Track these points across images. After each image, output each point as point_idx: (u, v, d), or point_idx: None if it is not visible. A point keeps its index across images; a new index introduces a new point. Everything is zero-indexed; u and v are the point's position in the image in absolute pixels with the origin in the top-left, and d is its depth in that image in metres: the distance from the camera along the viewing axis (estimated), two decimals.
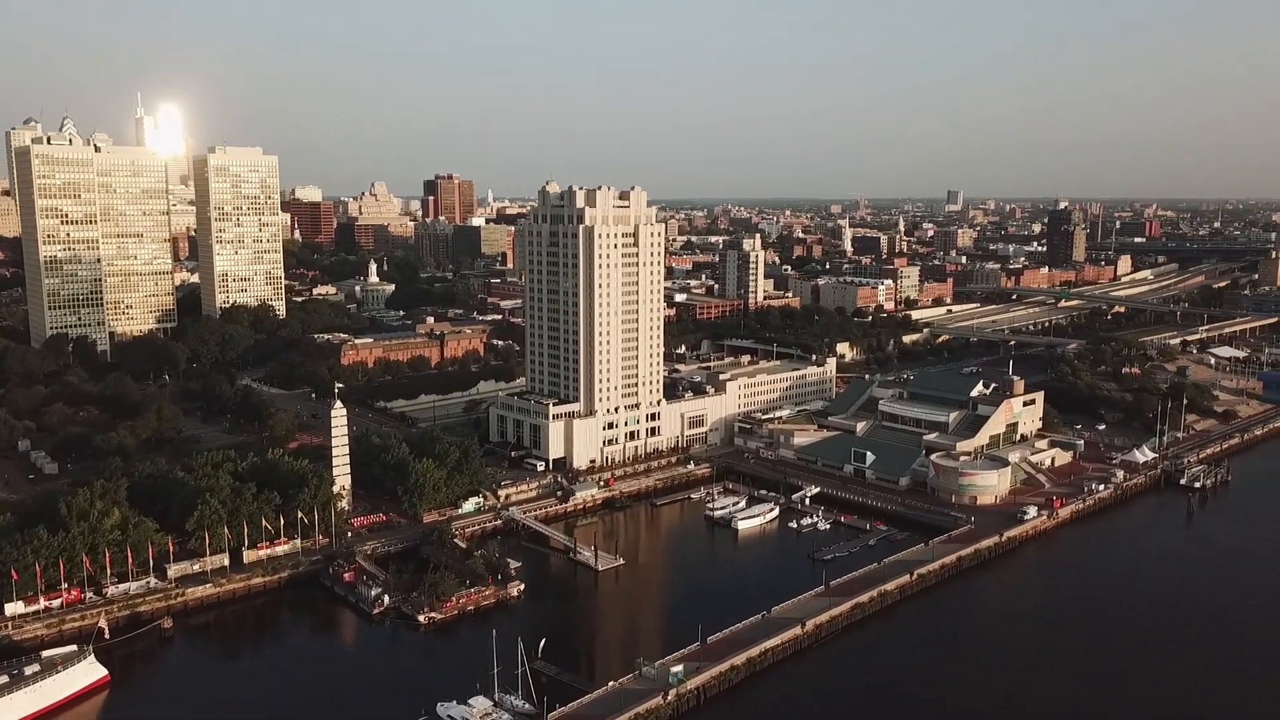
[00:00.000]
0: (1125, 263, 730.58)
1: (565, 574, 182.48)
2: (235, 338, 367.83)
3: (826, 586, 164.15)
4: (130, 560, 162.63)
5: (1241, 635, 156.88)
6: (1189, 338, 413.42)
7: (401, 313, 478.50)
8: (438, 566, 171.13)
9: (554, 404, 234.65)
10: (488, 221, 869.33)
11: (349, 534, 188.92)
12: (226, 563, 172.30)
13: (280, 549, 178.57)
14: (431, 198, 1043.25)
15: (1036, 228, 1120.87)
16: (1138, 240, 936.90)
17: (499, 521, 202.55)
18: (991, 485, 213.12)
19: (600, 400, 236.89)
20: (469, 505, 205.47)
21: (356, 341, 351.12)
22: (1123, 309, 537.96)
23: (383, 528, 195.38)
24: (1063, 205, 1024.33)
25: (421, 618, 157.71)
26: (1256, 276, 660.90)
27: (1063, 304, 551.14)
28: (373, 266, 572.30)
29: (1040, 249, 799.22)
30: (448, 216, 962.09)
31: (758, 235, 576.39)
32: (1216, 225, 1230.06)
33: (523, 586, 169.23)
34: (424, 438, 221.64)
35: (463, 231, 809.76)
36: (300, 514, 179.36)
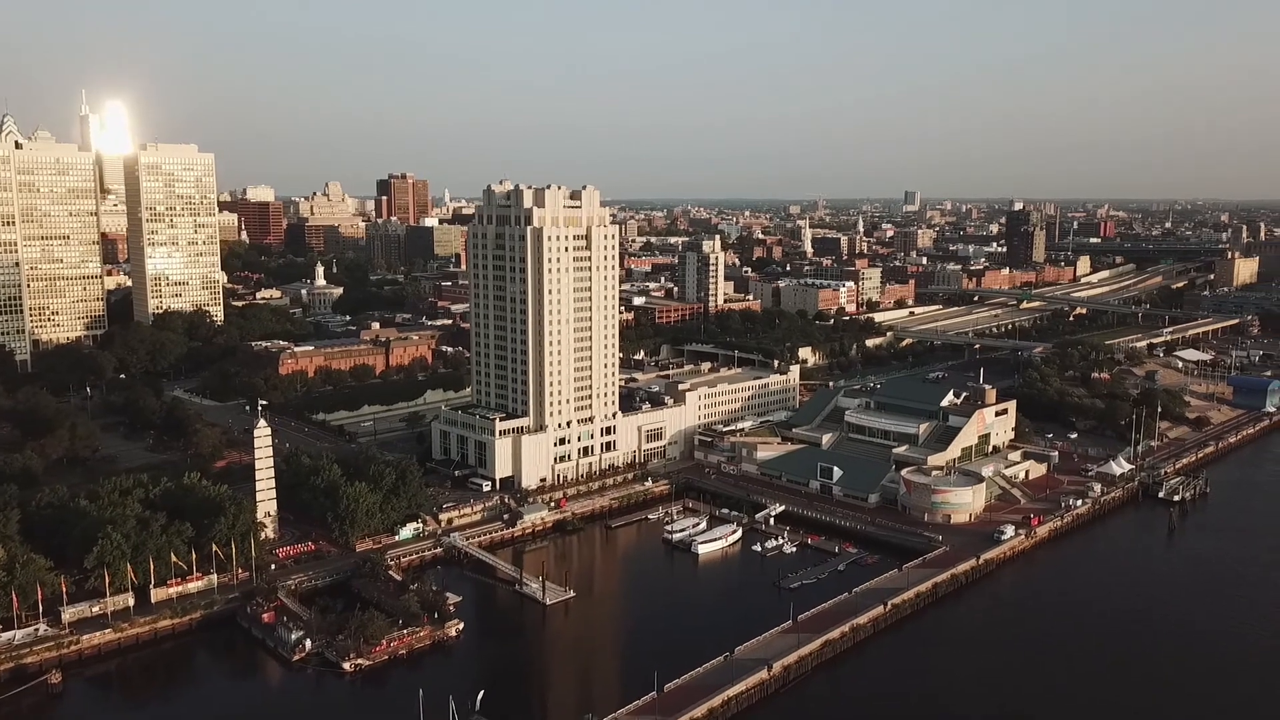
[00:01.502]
0: (1084, 263, 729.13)
1: (510, 609, 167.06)
2: (167, 346, 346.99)
3: (794, 621, 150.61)
4: (15, 604, 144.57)
5: (1238, 665, 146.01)
6: (1154, 340, 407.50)
7: (348, 317, 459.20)
8: (367, 604, 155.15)
9: (501, 419, 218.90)
10: (441, 222, 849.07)
11: (273, 566, 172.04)
12: (131, 603, 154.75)
13: (193, 586, 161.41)
14: (385, 197, 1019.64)
15: (994, 228, 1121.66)
16: (1094, 241, 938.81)
17: (439, 549, 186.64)
18: (966, 503, 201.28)
19: (551, 414, 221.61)
20: (407, 531, 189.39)
21: (295, 349, 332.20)
22: (1084, 311, 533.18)
23: (311, 558, 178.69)
24: (1018, 206, 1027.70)
25: (347, 664, 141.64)
26: (1213, 276, 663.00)
27: (1025, 305, 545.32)
28: (319, 269, 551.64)
29: (1000, 249, 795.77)
30: (401, 217, 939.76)
31: (717, 237, 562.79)
32: (1168, 225, 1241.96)
33: (462, 625, 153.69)
34: (359, 457, 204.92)
35: (416, 232, 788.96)
36: (215, 547, 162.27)
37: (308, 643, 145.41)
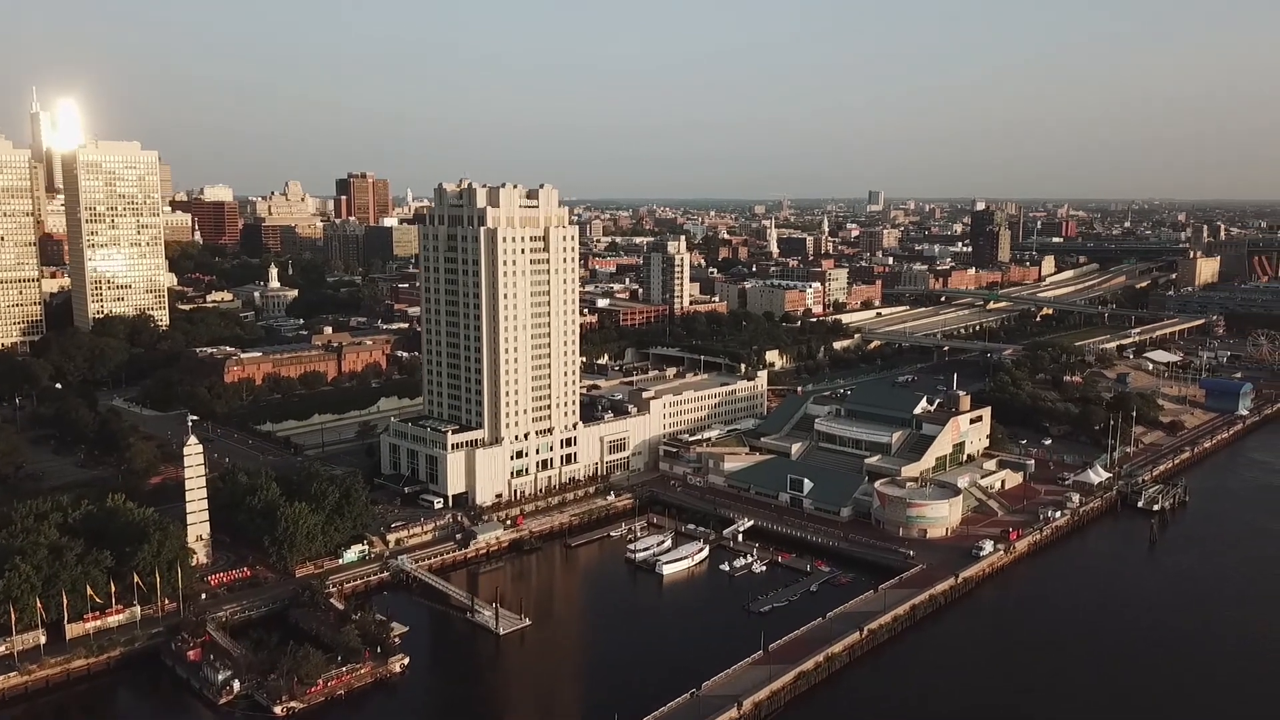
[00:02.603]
0: (1049, 263, 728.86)
1: (461, 639, 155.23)
2: (107, 352, 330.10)
3: (766, 651, 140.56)
4: None
5: (1236, 690, 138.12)
6: (1123, 342, 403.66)
7: (301, 321, 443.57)
8: (305, 638, 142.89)
9: (453, 431, 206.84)
10: (401, 222, 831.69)
11: (203, 596, 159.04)
12: (42, 641, 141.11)
13: (113, 620, 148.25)
14: (344, 197, 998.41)
15: (958, 228, 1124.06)
16: (1056, 240, 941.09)
17: (386, 573, 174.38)
18: (942, 516, 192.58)
19: (507, 426, 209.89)
20: (351, 554, 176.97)
21: (242, 355, 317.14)
22: (1051, 311, 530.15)
23: (246, 586, 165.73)
24: (981, 206, 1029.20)
25: (278, 708, 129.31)
26: (1175, 276, 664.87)
27: (992, 306, 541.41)
28: (273, 270, 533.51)
29: (966, 249, 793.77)
30: (361, 217, 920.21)
31: (682, 237, 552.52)
32: (1128, 225, 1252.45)
33: (407, 660, 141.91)
34: (300, 474, 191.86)
35: (374, 232, 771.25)
36: (137, 577, 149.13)
37: (236, 683, 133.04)
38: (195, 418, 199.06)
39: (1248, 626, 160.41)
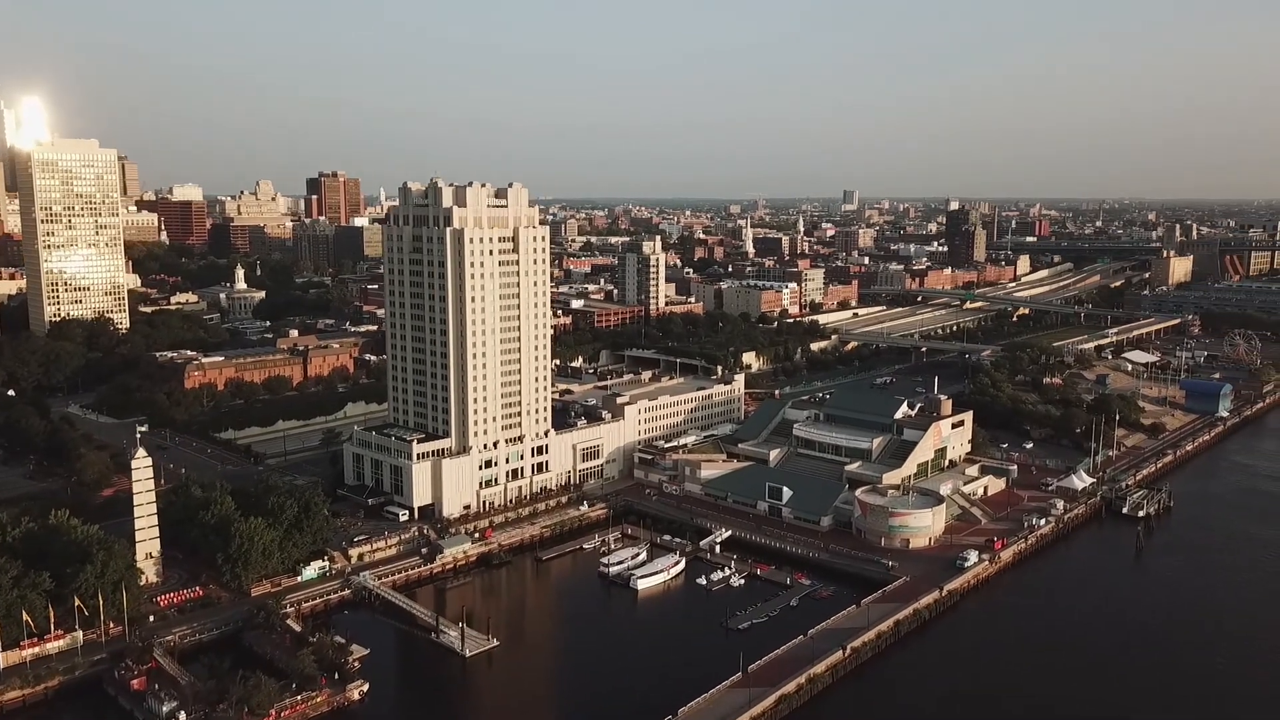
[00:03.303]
0: (1024, 262, 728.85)
1: (425, 662, 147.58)
2: (63, 357, 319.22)
3: (744, 673, 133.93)
4: None
5: (1222, 709, 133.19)
6: (1101, 342, 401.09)
7: (268, 323, 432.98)
8: (256, 665, 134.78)
9: (419, 440, 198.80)
10: (373, 221, 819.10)
11: (151, 619, 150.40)
12: None
13: (52, 646, 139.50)
14: (315, 196, 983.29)
15: (932, 227, 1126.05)
16: (1030, 240, 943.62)
17: (348, 591, 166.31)
18: (925, 526, 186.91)
19: (475, 434, 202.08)
20: (311, 571, 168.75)
21: (204, 360, 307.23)
22: (1028, 311, 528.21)
23: (198, 606, 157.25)
24: (955, 205, 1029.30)
25: None
26: (1149, 275, 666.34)
27: (968, 306, 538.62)
28: (239, 271, 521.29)
29: (941, 249, 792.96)
30: (331, 217, 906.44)
31: (658, 237, 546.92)
32: (1100, 224, 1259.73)
33: (366, 687, 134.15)
34: (258, 486, 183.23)
35: (345, 233, 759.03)
36: (78, 600, 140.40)
37: (183, 715, 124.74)
38: (145, 429, 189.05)
39: (1239, 638, 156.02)
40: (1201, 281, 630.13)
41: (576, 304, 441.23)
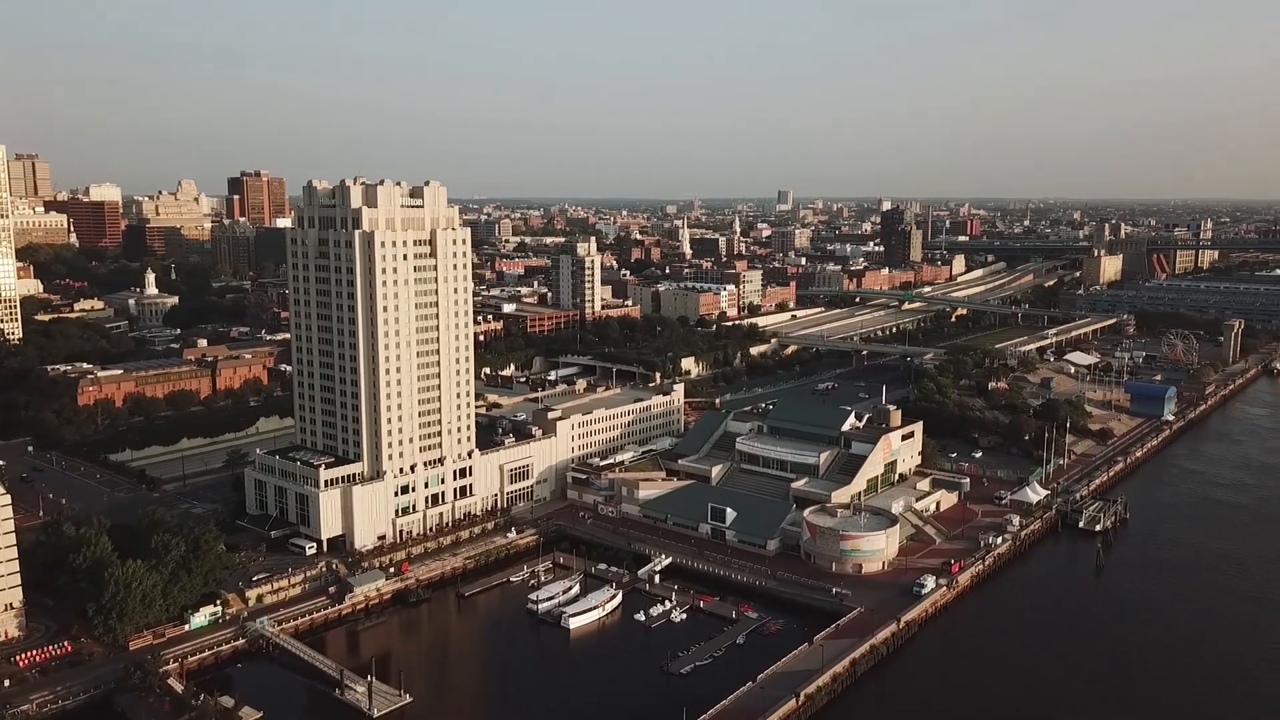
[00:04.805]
0: (959, 262, 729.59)
1: None
2: None
3: None
4: None
5: None
6: (1042, 344, 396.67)
7: (178, 331, 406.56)
8: None
9: (327, 465, 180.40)
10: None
11: (6, 683, 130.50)
12: None
13: None
14: (237, 197, 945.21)
15: (866, 227, 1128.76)
16: (963, 239, 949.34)
17: (243, 640, 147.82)
18: (878, 549, 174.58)
19: (390, 457, 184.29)
20: (201, 618, 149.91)
21: (100, 373, 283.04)
22: (966, 311, 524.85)
23: (65, 665, 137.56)
24: (887, 205, 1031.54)
25: None
26: (1080, 274, 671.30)
27: (907, 306, 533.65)
28: (150, 276, 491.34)
29: (878, 249, 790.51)
30: (254, 218, 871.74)
31: (593, 238, 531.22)
32: (1028, 224, 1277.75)
33: None
34: (142, 521, 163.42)
35: (267, 235, 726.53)
36: None
37: None
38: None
39: (1205, 657, 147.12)
40: (1132, 280, 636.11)
41: (509, 308, 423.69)
